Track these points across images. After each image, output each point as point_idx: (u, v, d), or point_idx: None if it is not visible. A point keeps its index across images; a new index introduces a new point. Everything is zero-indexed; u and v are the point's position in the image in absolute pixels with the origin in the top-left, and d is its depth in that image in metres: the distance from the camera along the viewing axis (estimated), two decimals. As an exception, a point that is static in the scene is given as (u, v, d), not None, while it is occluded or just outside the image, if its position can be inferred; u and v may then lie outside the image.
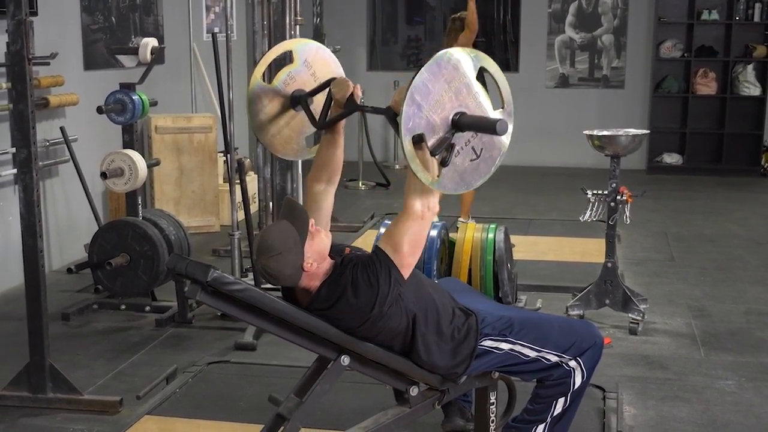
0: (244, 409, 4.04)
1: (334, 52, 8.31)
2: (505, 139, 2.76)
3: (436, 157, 2.68)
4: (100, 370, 4.58)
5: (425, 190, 2.83)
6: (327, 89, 3.28)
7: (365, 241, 5.93)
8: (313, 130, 3.42)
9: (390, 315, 2.90)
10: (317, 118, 3.32)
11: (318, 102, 3.36)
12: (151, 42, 5.50)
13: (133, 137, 5.44)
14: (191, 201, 7.49)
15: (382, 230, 3.37)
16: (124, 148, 5.41)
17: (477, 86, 2.72)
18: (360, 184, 9.77)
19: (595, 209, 5.14)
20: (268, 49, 5.88)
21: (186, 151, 7.40)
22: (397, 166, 11.02)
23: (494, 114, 2.78)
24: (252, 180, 7.44)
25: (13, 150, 5.68)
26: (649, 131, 5.56)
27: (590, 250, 6.77)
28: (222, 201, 7.60)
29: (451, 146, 2.67)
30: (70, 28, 6.60)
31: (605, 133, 5.10)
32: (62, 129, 6.20)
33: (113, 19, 7.09)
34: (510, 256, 5.27)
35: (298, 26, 6.07)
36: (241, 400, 4.14)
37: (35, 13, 6.02)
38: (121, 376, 4.50)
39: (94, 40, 6.85)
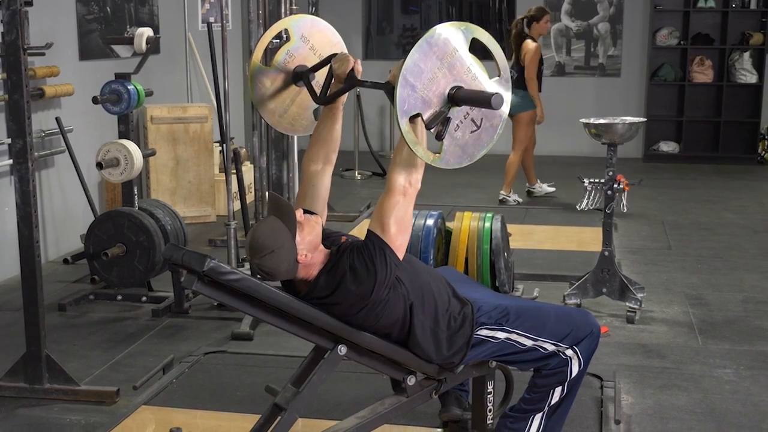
0: (241, 399, 4.04)
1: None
2: (505, 107, 2.74)
3: (432, 130, 2.66)
4: (96, 360, 4.57)
5: (409, 165, 2.81)
6: (328, 65, 3.26)
7: (361, 231, 5.91)
8: None
9: (388, 300, 2.90)
10: (318, 93, 3.31)
11: (320, 77, 3.34)
12: (147, 32, 5.48)
13: (129, 127, 5.42)
14: (187, 191, 7.48)
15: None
16: (120, 138, 5.39)
17: (470, 59, 2.69)
18: (356, 174, 9.75)
19: (592, 198, 5.13)
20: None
21: (182, 141, 7.39)
22: (393, 156, 11.00)
23: (490, 84, 2.76)
24: (248, 170, 7.43)
25: (9, 141, 5.66)
26: (645, 119, 5.55)
27: (587, 239, 6.78)
28: (218, 191, 7.60)
29: (447, 120, 2.66)
30: (65, 18, 6.58)
31: (602, 121, 5.09)
32: (58, 119, 6.18)
33: (108, 9, 7.06)
34: (507, 245, 5.27)
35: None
36: (238, 390, 4.13)
37: (30, 3, 5.97)
38: (118, 367, 4.49)
39: (89, 30, 6.83)
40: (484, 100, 2.63)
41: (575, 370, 3.17)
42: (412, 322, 2.97)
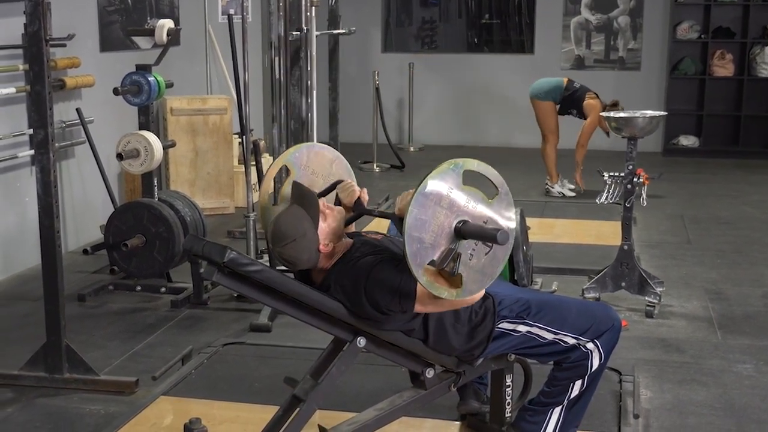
0: (260, 390, 4.05)
1: (349, 33, 8.31)
2: (510, 241, 2.75)
3: (444, 269, 2.68)
4: (115, 350, 4.59)
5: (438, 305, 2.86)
6: (334, 191, 3.28)
7: (379, 224, 5.91)
8: None
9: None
10: None
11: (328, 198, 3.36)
12: (167, 23, 5.49)
13: (149, 119, 5.44)
14: (206, 183, 7.50)
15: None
16: (140, 129, 5.41)
17: (466, 193, 2.71)
18: (374, 166, 9.75)
19: (611, 191, 5.12)
20: (284, 31, 5.87)
21: (201, 132, 7.41)
22: (411, 148, 11.00)
23: (492, 206, 2.77)
24: (267, 161, 7.44)
25: (31, 131, 5.70)
26: (665, 113, 5.52)
27: (606, 233, 6.76)
28: (237, 183, 7.61)
29: (458, 255, 2.68)
30: (87, 9, 6.60)
31: (622, 114, 5.07)
32: (78, 110, 6.20)
33: (129, 0, 7.08)
34: (526, 238, 5.24)
35: (313, 7, 6.05)
36: (257, 382, 4.14)
37: (51, -6, 6.01)
38: (137, 357, 4.51)
39: (110, 22, 6.85)
40: (490, 238, 2.66)
41: (596, 363, 3.16)
42: (431, 315, 2.97)
